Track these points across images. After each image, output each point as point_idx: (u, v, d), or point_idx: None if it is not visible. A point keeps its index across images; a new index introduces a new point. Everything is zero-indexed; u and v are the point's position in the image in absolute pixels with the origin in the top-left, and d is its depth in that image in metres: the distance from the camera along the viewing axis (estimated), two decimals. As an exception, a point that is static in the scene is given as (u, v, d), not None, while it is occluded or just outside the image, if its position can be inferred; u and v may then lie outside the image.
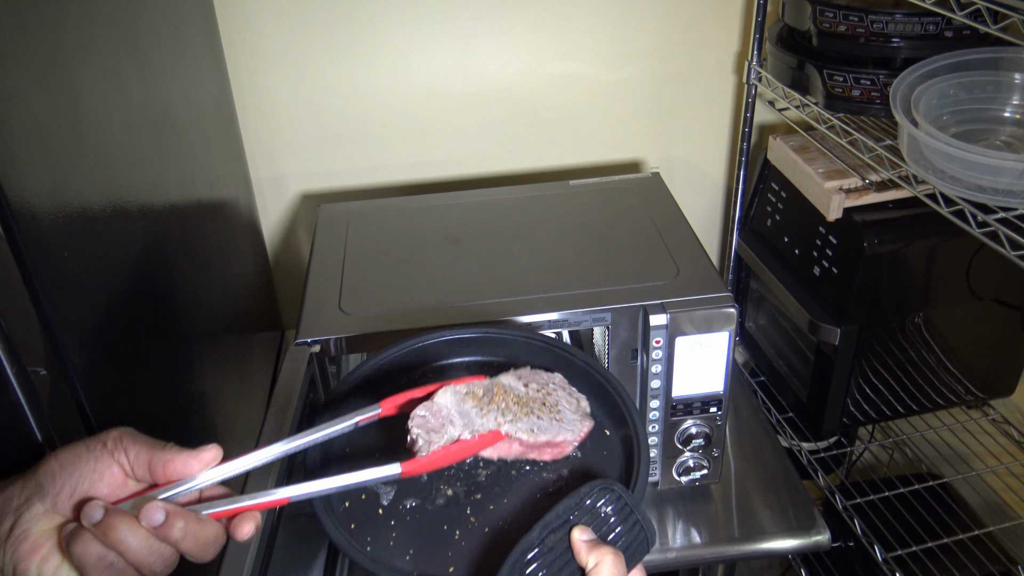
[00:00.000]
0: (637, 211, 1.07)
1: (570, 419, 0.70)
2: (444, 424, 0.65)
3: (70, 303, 0.61)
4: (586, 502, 0.58)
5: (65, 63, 0.64)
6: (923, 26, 0.98)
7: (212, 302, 0.98)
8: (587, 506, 0.58)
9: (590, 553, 0.54)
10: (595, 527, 0.57)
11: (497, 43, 1.26)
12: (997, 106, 0.94)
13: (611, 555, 0.54)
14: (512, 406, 0.69)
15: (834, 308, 1.12)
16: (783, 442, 1.20)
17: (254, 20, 1.19)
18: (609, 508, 0.59)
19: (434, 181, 1.37)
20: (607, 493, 0.58)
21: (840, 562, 1.37)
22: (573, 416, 0.71)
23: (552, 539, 0.56)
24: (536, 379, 0.73)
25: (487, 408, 0.68)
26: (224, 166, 1.13)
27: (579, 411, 0.71)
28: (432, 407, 0.67)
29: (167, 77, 0.90)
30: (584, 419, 0.70)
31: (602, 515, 0.58)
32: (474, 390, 0.69)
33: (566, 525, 0.57)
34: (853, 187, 1.08)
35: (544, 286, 0.92)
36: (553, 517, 0.57)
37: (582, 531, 0.56)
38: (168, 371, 0.80)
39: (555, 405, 0.71)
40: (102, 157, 0.70)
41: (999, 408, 1.33)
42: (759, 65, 1.23)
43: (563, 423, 0.69)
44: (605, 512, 0.58)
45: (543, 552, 0.55)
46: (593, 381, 0.74)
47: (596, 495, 0.58)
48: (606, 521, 0.58)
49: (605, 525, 0.58)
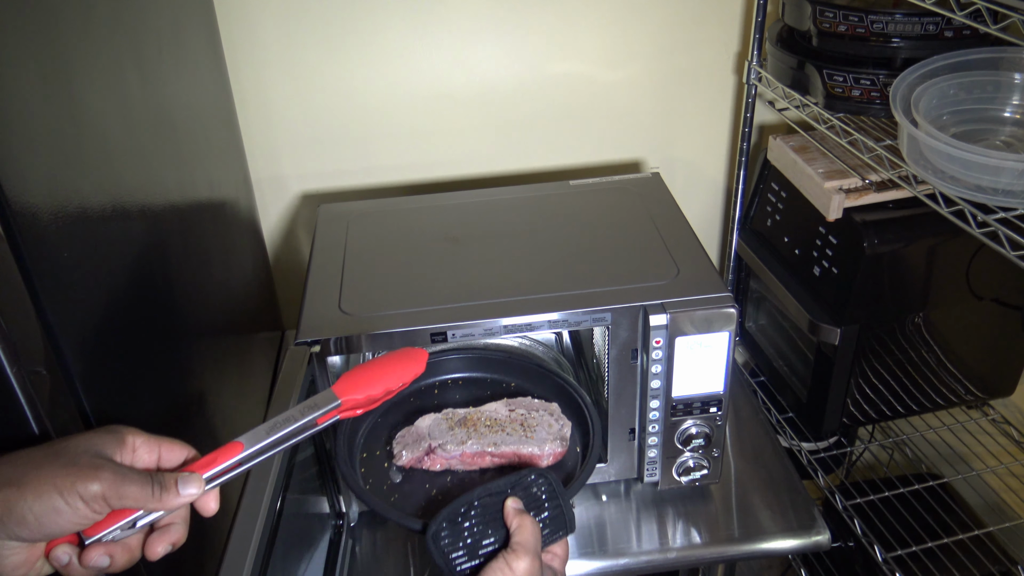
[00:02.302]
0: (637, 211, 1.07)
1: (541, 438, 0.87)
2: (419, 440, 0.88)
3: (70, 303, 0.61)
4: (525, 481, 0.72)
5: (65, 63, 0.64)
6: (923, 26, 0.98)
7: (212, 302, 0.98)
8: (525, 484, 0.72)
9: (515, 518, 0.68)
10: (526, 502, 0.71)
11: (497, 43, 1.26)
12: (997, 106, 0.93)
13: (531, 523, 0.68)
14: (482, 427, 0.89)
15: (834, 308, 1.12)
16: (783, 442, 1.20)
17: (254, 20, 1.19)
18: (542, 493, 0.72)
19: (434, 181, 1.37)
20: (543, 480, 0.73)
21: (840, 562, 1.37)
22: (546, 436, 0.88)
23: (489, 501, 0.70)
24: (526, 406, 0.92)
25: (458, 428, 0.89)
26: (224, 166, 1.13)
27: (556, 435, 0.88)
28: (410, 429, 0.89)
29: (167, 77, 0.90)
30: (557, 441, 0.87)
31: (534, 495, 0.72)
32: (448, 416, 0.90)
33: (503, 494, 0.71)
34: (853, 187, 1.08)
35: (544, 286, 0.92)
36: (494, 485, 0.71)
37: (515, 501, 0.70)
38: (168, 371, 0.80)
39: (533, 426, 0.89)
40: (102, 157, 0.70)
41: (999, 408, 1.33)
42: (759, 65, 1.23)
43: (532, 440, 0.87)
44: (537, 494, 0.72)
45: (480, 508, 0.70)
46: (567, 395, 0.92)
47: (534, 479, 0.73)
48: (537, 499, 0.72)
49: (535, 503, 0.72)
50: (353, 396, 0.67)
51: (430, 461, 0.86)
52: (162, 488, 0.54)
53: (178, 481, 0.55)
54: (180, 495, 0.55)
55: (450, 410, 0.91)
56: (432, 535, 0.69)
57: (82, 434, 0.55)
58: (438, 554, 0.69)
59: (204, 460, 0.57)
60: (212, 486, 0.57)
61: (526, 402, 0.94)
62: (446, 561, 0.70)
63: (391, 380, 0.71)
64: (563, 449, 0.86)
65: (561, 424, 0.90)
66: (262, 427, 0.61)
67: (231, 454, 0.58)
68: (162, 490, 0.54)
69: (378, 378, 0.70)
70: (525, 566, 0.65)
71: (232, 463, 0.58)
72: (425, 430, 0.90)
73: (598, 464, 1.01)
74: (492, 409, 0.93)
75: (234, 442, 0.59)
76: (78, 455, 0.52)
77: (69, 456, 0.51)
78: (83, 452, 0.52)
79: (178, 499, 0.54)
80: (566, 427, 0.90)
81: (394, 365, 0.73)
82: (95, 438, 0.54)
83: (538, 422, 0.90)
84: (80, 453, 0.52)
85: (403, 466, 0.86)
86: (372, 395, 0.69)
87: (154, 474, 0.54)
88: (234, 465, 0.58)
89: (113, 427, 0.56)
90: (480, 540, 0.69)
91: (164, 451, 0.58)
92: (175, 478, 0.55)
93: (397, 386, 0.72)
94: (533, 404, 0.93)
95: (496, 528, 0.70)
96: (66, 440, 0.53)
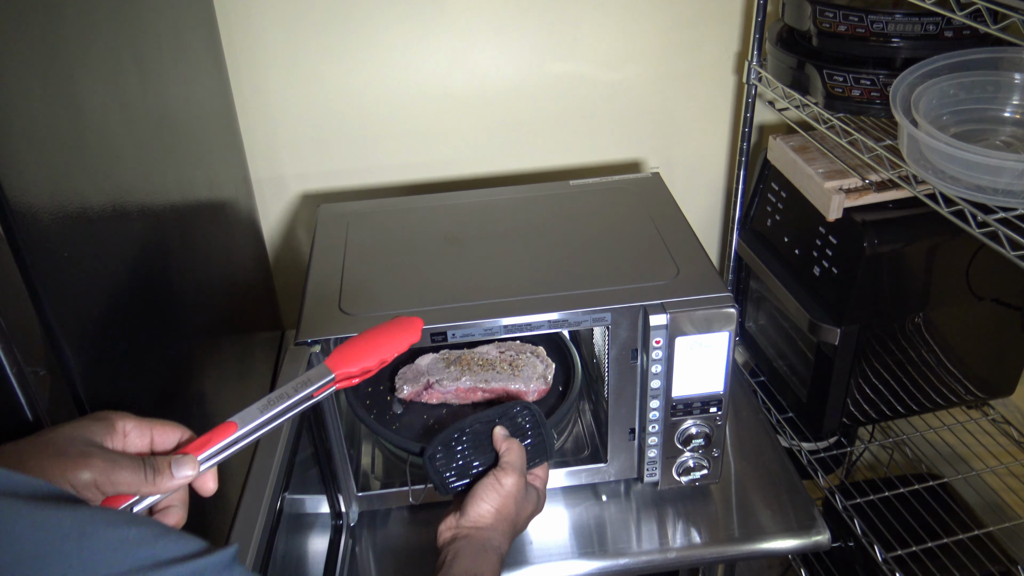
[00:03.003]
0: (637, 211, 1.07)
1: (528, 376, 0.99)
2: (418, 376, 1.00)
3: (70, 303, 0.61)
4: (511, 412, 0.82)
5: (65, 63, 0.64)
6: (923, 26, 0.98)
7: (212, 302, 0.98)
8: (511, 415, 0.82)
9: (504, 442, 0.80)
10: (512, 430, 0.81)
11: (497, 43, 1.26)
12: (997, 106, 0.93)
13: (518, 446, 0.80)
14: (475, 366, 1.01)
15: (834, 308, 1.12)
16: (783, 442, 1.20)
17: (254, 21, 1.19)
18: (526, 423, 0.82)
19: (434, 181, 1.37)
20: (527, 412, 0.83)
21: (840, 562, 1.37)
22: (532, 375, 0.99)
23: (479, 427, 0.81)
24: (515, 348, 1.04)
25: (453, 366, 1.01)
26: (224, 166, 1.13)
27: (541, 374, 1.00)
28: (411, 367, 1.03)
29: (167, 77, 0.90)
30: (541, 379, 0.99)
31: (519, 424, 0.82)
32: (445, 356, 1.02)
33: (492, 422, 0.81)
34: (853, 187, 1.08)
35: (544, 286, 0.92)
36: (484, 415, 0.82)
37: (502, 429, 0.81)
38: (168, 371, 0.80)
39: (520, 366, 1.00)
40: (102, 157, 0.70)
41: (999, 408, 1.33)
42: (759, 65, 1.23)
43: (520, 378, 0.99)
44: (522, 423, 0.82)
45: (471, 434, 0.80)
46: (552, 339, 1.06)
47: (519, 410, 0.83)
48: (521, 428, 0.82)
49: (520, 431, 0.82)
50: (347, 369, 0.66)
51: (428, 395, 0.97)
52: (155, 472, 0.53)
53: (172, 464, 0.54)
54: (175, 478, 0.54)
55: (447, 350, 1.02)
56: (428, 456, 0.79)
57: (70, 423, 0.54)
58: (433, 472, 0.79)
59: (198, 441, 0.57)
60: (208, 466, 0.57)
61: (515, 345, 1.04)
62: (440, 479, 0.79)
63: (385, 350, 0.70)
64: (546, 387, 0.97)
65: (545, 365, 1.01)
66: (256, 405, 0.60)
67: (225, 434, 0.58)
68: (155, 474, 0.53)
69: (372, 349, 0.69)
70: (513, 481, 0.77)
71: (227, 443, 0.58)
72: (424, 368, 1.02)
73: (598, 464, 1.01)
74: (484, 350, 1.04)
75: (228, 422, 0.59)
76: (67, 444, 0.51)
77: (58, 446, 0.51)
78: (72, 441, 0.52)
79: (173, 482, 0.54)
80: (550, 368, 1.01)
81: (388, 335, 0.71)
82: (84, 426, 0.54)
83: (525, 363, 1.01)
84: (69, 442, 0.51)
85: (404, 399, 0.97)
86: (366, 367, 0.68)
87: (146, 458, 0.53)
88: (229, 444, 0.58)
89: (102, 413, 0.56)
90: (471, 462, 0.80)
91: (156, 434, 0.57)
92: (168, 461, 0.54)
93: (392, 356, 0.70)
94: (522, 347, 1.04)
95: (485, 452, 0.80)
96: (54, 430, 0.52)
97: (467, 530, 0.75)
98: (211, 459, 0.57)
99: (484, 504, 0.76)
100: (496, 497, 0.76)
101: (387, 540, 1.01)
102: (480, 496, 0.77)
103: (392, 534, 1.01)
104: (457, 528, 0.76)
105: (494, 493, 0.76)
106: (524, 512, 0.79)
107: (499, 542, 0.75)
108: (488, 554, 0.73)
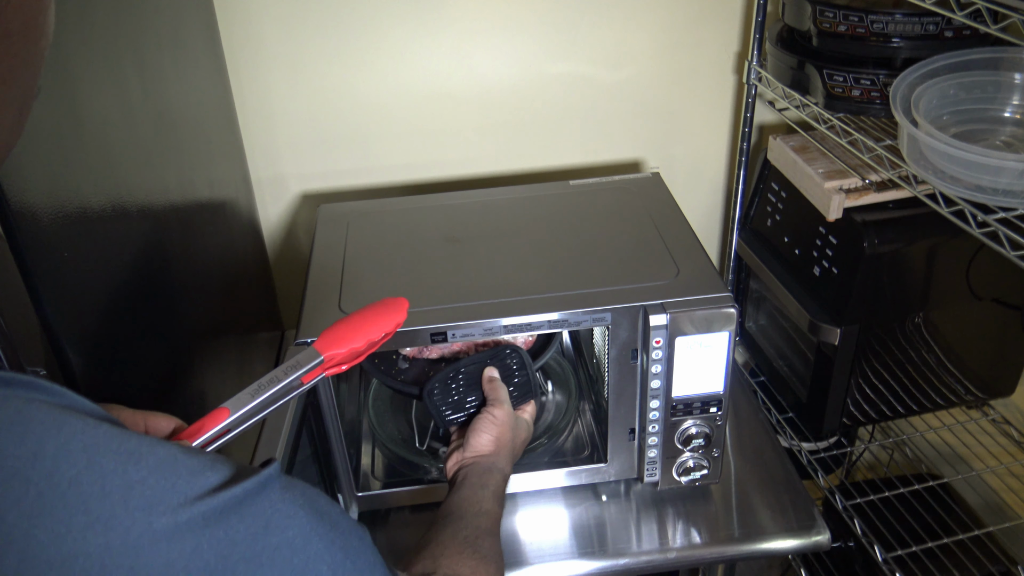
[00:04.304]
0: (637, 211, 1.07)
1: None
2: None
3: (70, 303, 0.61)
4: (501, 354, 0.91)
5: (65, 63, 0.64)
6: (923, 26, 0.98)
7: (212, 302, 0.98)
8: (501, 356, 0.91)
9: (489, 384, 0.89)
10: (501, 371, 0.91)
11: (497, 43, 1.26)
12: (997, 106, 0.93)
13: (500, 384, 0.89)
14: None
15: (834, 308, 1.12)
16: (783, 442, 1.20)
17: (254, 20, 1.19)
18: (514, 364, 0.92)
19: (434, 181, 1.37)
20: (515, 354, 0.92)
21: (840, 562, 1.37)
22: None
23: (472, 368, 0.90)
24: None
25: None
26: (224, 166, 1.13)
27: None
28: None
29: (167, 77, 0.90)
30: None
31: (508, 366, 0.91)
32: None
33: (483, 363, 0.91)
34: (853, 187, 1.08)
35: (544, 286, 0.92)
36: (475, 357, 0.92)
37: (491, 370, 0.91)
38: (168, 370, 0.80)
39: None
40: (102, 157, 0.70)
41: (999, 408, 1.33)
42: (759, 65, 1.23)
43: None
44: (510, 364, 0.92)
45: (465, 374, 0.90)
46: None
47: (509, 352, 0.92)
48: (509, 368, 0.91)
49: (508, 372, 0.91)
50: (336, 351, 0.66)
51: (429, 351, 1.03)
52: None
53: None
54: None
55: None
56: (427, 392, 0.89)
57: None
58: (432, 406, 0.89)
59: (191, 429, 0.57)
60: None
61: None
62: (438, 412, 0.89)
63: (373, 332, 0.69)
64: (533, 339, 1.04)
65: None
66: (247, 390, 0.60)
67: (217, 420, 0.58)
68: None
69: (360, 331, 0.68)
70: (503, 412, 0.86)
71: (219, 429, 0.57)
72: None
73: (598, 464, 1.01)
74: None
75: (220, 408, 0.58)
76: None
77: None
78: None
79: None
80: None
81: (375, 317, 0.70)
82: None
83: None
84: None
85: (408, 355, 1.03)
86: (355, 348, 0.67)
87: None
88: (222, 431, 0.58)
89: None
90: (465, 398, 0.90)
91: (150, 424, 0.57)
92: None
93: (379, 337, 0.70)
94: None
95: (477, 391, 0.90)
96: None
97: (471, 459, 0.83)
98: (206, 446, 0.57)
99: (484, 435, 0.84)
100: (493, 427, 0.85)
101: (387, 540, 1.01)
102: (479, 429, 0.85)
103: (392, 534, 1.01)
104: (462, 459, 0.84)
105: (490, 424, 0.85)
106: (518, 439, 0.88)
107: (502, 464, 0.83)
108: (493, 473, 0.81)
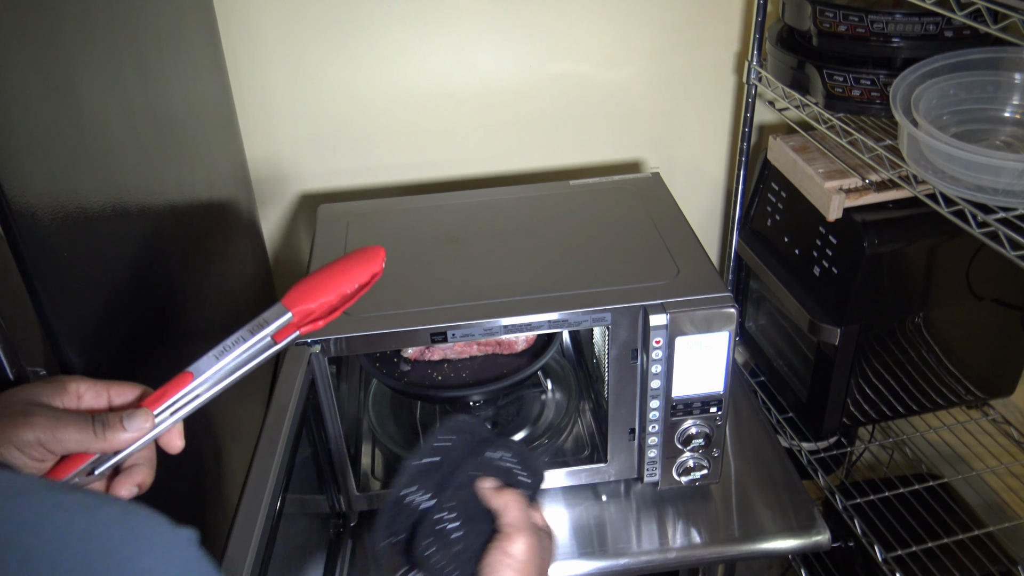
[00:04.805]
0: (637, 211, 1.07)
1: None
2: None
3: (70, 303, 0.61)
4: (487, 460, 0.64)
5: (65, 63, 0.64)
6: (923, 26, 0.98)
7: (212, 302, 0.97)
8: (489, 463, 0.64)
9: (496, 499, 0.62)
10: (497, 476, 0.64)
11: (497, 43, 1.26)
12: (997, 106, 0.93)
13: (515, 498, 0.62)
14: None
15: (834, 308, 1.12)
16: (783, 442, 1.20)
17: (254, 20, 1.19)
18: (508, 462, 0.65)
19: (434, 181, 1.37)
20: (505, 448, 0.65)
21: (840, 562, 1.37)
22: None
23: (463, 494, 0.61)
24: None
25: None
26: (224, 166, 1.13)
27: None
28: None
29: (167, 77, 0.90)
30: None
31: (501, 468, 0.64)
32: None
33: (471, 478, 0.63)
34: (853, 187, 1.08)
35: (544, 286, 0.92)
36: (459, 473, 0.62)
37: (488, 480, 0.64)
38: (168, 370, 0.80)
39: None
40: (102, 157, 0.70)
41: (999, 408, 1.33)
42: (759, 65, 1.23)
43: None
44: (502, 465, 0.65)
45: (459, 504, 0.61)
46: None
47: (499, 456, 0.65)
48: (505, 471, 0.64)
49: (505, 474, 0.64)
50: (305, 306, 0.60)
51: (430, 353, 1.04)
52: (104, 426, 0.51)
53: (124, 417, 0.52)
54: (127, 431, 0.52)
55: None
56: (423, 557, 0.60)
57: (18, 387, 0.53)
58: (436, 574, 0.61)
59: (153, 396, 0.55)
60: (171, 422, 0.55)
61: None
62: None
63: (345, 284, 0.62)
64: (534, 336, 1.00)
65: None
66: (211, 352, 0.57)
67: (181, 385, 0.55)
68: (105, 428, 0.51)
69: (331, 284, 0.62)
70: (523, 546, 0.60)
71: (183, 394, 0.55)
72: None
73: (598, 464, 1.01)
74: None
75: (184, 372, 0.56)
76: (8, 406, 0.50)
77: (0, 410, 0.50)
78: (14, 403, 0.50)
79: (125, 434, 0.52)
80: None
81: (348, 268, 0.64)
82: (29, 388, 0.52)
83: None
84: (11, 404, 0.50)
85: (409, 358, 1.04)
86: (327, 301, 0.61)
87: (96, 414, 0.51)
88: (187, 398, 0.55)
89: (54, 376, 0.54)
90: (470, 534, 0.61)
91: (114, 394, 0.55)
92: (120, 415, 0.52)
93: (353, 288, 0.63)
94: None
95: (480, 519, 0.62)
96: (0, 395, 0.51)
97: None
98: (171, 414, 0.55)
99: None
100: (512, 573, 0.59)
101: (387, 540, 1.01)
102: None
103: (392, 534, 1.01)
104: None
105: (508, 571, 0.59)
106: (545, 567, 0.63)
107: None
108: None
